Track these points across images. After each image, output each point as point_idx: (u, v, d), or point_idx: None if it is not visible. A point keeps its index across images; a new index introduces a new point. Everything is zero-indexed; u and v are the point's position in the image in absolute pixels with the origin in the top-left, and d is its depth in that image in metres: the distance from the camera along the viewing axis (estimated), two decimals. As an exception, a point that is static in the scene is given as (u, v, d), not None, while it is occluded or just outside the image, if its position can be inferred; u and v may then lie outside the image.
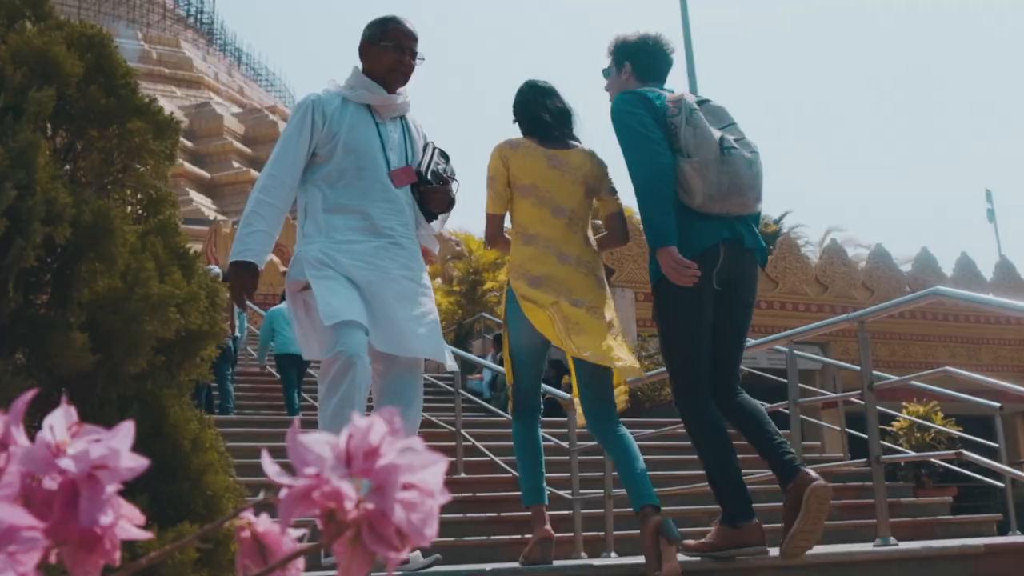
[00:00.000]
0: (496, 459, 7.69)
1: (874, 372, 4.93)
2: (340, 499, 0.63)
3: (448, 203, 3.94)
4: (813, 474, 3.56)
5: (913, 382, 5.85)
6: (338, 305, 3.52)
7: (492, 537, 6.17)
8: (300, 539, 0.72)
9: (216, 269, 12.38)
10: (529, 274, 3.96)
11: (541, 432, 4.33)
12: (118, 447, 0.69)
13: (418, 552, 3.70)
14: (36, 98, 1.85)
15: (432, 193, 3.87)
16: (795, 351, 5.40)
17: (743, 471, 3.85)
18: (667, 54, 4.12)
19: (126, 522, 0.72)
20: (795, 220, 32.99)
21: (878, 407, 6.04)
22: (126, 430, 0.70)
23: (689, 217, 3.71)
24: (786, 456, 3.65)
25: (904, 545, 4.50)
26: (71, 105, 2.06)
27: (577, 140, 4.22)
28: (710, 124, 3.73)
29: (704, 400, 3.81)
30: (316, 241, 3.68)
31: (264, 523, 0.72)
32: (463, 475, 7.64)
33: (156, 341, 1.85)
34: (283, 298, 12.68)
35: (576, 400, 4.20)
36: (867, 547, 4.47)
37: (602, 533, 5.66)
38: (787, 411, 5.44)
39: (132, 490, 1.67)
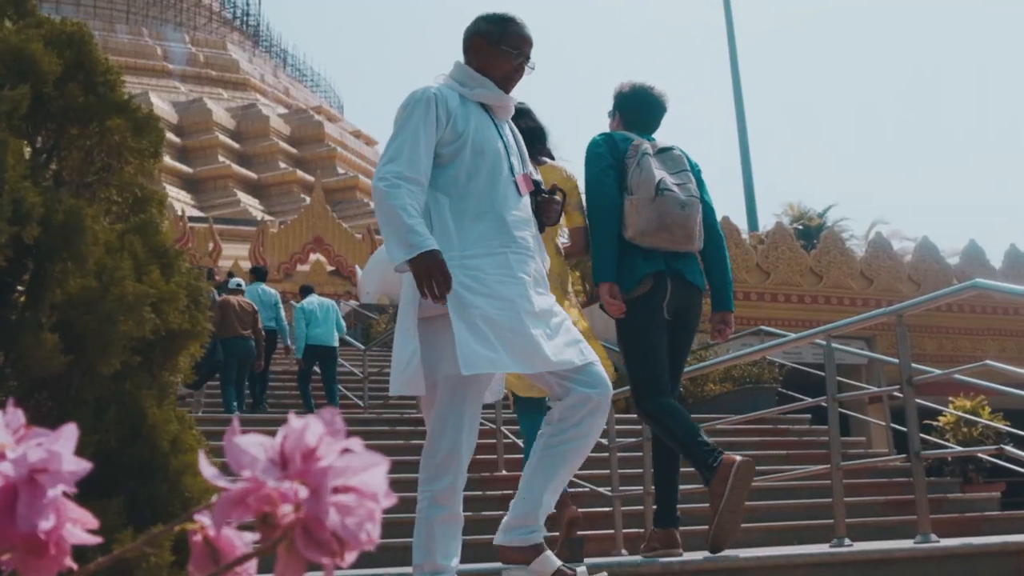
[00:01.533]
0: (536, 456, 7.67)
1: (919, 366, 4.85)
2: (273, 503, 0.63)
3: (558, 217, 3.57)
4: (736, 456, 3.92)
5: (955, 376, 5.75)
6: (476, 355, 3.05)
7: (531, 534, 6.17)
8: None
9: (238, 280, 12.47)
10: None
11: None
12: (59, 450, 0.68)
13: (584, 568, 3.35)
14: (8, 96, 1.84)
15: (548, 204, 3.48)
16: (835, 345, 5.33)
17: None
18: (658, 105, 4.57)
19: (76, 527, 0.72)
20: (839, 213, 32.72)
21: (925, 402, 5.95)
22: (69, 433, 0.69)
23: (631, 249, 4.21)
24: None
25: (944, 542, 4.42)
26: (50, 103, 2.04)
27: (550, 157, 4.54)
28: (661, 168, 4.23)
29: (668, 397, 4.25)
30: (451, 256, 3.14)
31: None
32: (504, 472, 7.65)
33: (134, 341, 1.85)
34: (303, 292, 12.86)
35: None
36: (907, 544, 4.41)
37: (642, 530, 5.64)
38: (826, 406, 5.38)
39: (109, 492, 1.68)
